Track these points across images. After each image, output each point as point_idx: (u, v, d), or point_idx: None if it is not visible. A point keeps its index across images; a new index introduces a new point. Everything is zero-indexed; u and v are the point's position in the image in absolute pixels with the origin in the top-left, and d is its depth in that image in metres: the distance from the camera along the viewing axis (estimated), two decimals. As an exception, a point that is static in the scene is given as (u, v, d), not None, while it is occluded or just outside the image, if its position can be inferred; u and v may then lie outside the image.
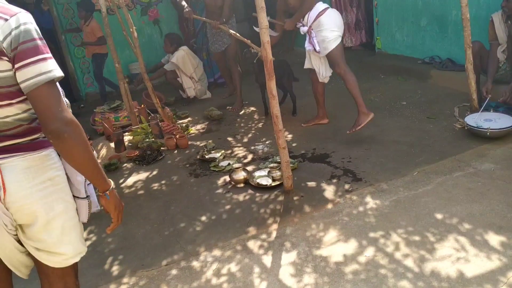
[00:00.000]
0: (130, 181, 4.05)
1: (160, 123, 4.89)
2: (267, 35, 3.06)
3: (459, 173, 3.25)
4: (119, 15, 4.77)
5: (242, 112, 5.55)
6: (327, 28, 4.05)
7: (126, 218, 3.33)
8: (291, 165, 3.69)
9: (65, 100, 1.51)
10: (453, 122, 4.17)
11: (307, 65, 4.46)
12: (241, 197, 3.44)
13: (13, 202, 1.46)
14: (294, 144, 4.28)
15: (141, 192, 3.81)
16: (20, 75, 1.35)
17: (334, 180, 3.46)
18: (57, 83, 1.43)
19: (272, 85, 3.14)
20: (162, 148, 4.66)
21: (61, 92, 1.45)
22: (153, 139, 4.78)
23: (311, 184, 3.46)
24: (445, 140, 3.86)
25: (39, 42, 1.38)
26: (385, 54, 6.50)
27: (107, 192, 1.60)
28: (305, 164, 3.83)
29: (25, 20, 1.37)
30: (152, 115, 5.15)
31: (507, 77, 4.29)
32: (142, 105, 5.44)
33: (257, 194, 3.44)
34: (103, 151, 4.85)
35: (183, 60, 6.08)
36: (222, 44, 5.54)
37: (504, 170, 3.20)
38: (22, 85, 1.35)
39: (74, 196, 1.61)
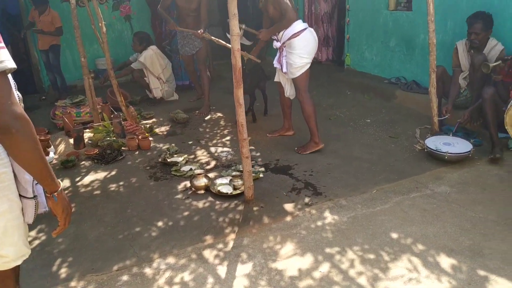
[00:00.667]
0: (87, 180, 3.92)
1: (123, 122, 4.79)
2: (238, 43, 3.04)
3: (416, 194, 3.32)
4: (89, 8, 4.65)
5: (209, 117, 5.50)
6: (297, 54, 4.00)
7: (79, 218, 3.26)
8: (253, 174, 3.68)
9: (17, 93, 1.43)
10: (414, 143, 4.28)
11: (276, 78, 4.47)
12: (200, 204, 3.38)
13: None
14: (258, 154, 4.27)
15: (97, 192, 3.69)
16: None
17: (295, 193, 3.46)
18: (9, 75, 1.34)
19: (239, 93, 3.11)
20: (123, 148, 4.54)
21: (13, 85, 1.36)
22: (114, 138, 4.66)
23: (271, 195, 3.45)
24: (405, 160, 3.94)
25: None
26: (353, 71, 6.62)
27: (55, 193, 1.51)
28: (267, 175, 3.82)
29: None
30: (116, 113, 5.03)
31: (466, 103, 4.44)
32: (106, 103, 5.32)
33: (217, 202, 3.40)
34: (61, 147, 4.69)
35: (151, 59, 5.98)
36: (193, 47, 5.48)
37: (459, 193, 3.29)
38: None
39: (20, 196, 1.52)
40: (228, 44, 3.56)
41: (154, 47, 6.10)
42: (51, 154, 4.42)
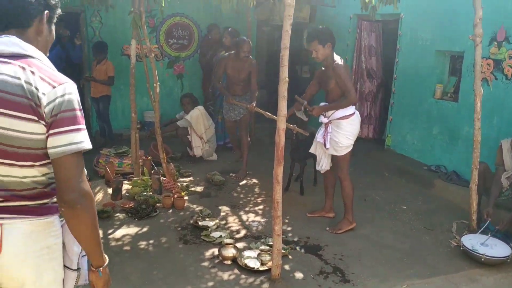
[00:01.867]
0: (118, 233, 4.00)
1: (161, 179, 4.92)
2: (283, 123, 3.14)
3: (449, 296, 3.19)
4: (146, 65, 4.91)
5: (244, 182, 5.57)
6: (344, 134, 4.05)
7: (106, 274, 3.29)
8: (283, 251, 3.66)
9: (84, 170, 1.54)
10: (450, 238, 4.15)
11: (312, 149, 4.50)
12: (225, 276, 3.37)
13: (5, 265, 1.43)
14: (289, 228, 4.25)
15: (127, 248, 3.75)
16: (51, 141, 1.38)
17: (322, 277, 3.40)
18: None
19: (279, 171, 3.17)
20: (157, 204, 4.64)
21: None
22: (150, 194, 4.78)
23: (299, 276, 3.40)
24: (439, 256, 3.82)
25: (78, 113, 1.43)
26: (393, 152, 6.61)
27: (101, 268, 1.57)
28: (296, 253, 3.78)
29: (71, 90, 1.43)
30: (156, 169, 5.18)
31: (509, 203, 4.32)
32: (148, 157, 5.50)
33: (243, 276, 3.37)
34: (100, 195, 4.84)
35: (197, 119, 6.21)
36: (238, 113, 5.67)
37: (494, 302, 3.14)
38: (50, 151, 1.39)
39: (65, 266, 1.58)
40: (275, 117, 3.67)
41: (201, 107, 6.35)
42: (89, 202, 4.55)
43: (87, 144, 1.44)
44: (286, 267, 3.52)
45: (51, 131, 1.38)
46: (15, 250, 1.42)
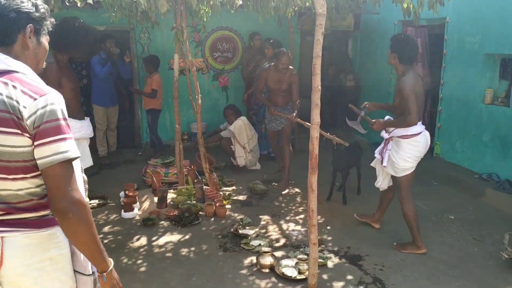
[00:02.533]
0: (162, 240, 4.14)
1: (204, 188, 5.04)
2: (317, 131, 3.14)
3: (496, 311, 3.03)
4: (189, 79, 5.08)
5: (286, 191, 5.58)
6: (402, 156, 3.77)
7: (148, 279, 3.43)
8: (321, 260, 3.64)
9: (83, 175, 1.58)
10: (501, 250, 3.92)
11: (372, 163, 4.27)
12: (262, 284, 3.39)
13: (7, 277, 1.46)
14: (329, 238, 4.21)
15: (169, 254, 3.87)
16: (38, 152, 1.40)
17: (361, 287, 3.34)
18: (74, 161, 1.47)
19: (313, 180, 3.17)
20: (200, 212, 4.75)
21: (79, 169, 1.49)
22: (194, 202, 4.90)
23: (337, 285, 3.37)
24: (488, 268, 3.64)
25: (62, 122, 1.43)
26: (442, 161, 6.37)
27: (105, 273, 1.57)
28: (335, 262, 3.73)
29: (53, 100, 1.43)
30: (199, 178, 5.31)
31: None
32: (193, 166, 5.65)
33: (280, 285, 3.38)
34: (146, 204, 5.02)
35: (240, 129, 6.31)
36: (280, 123, 5.72)
37: (546, 318, 2.95)
38: (38, 162, 1.41)
39: (78, 272, 1.60)
40: (324, 133, 3.67)
41: (244, 118, 6.46)
42: (136, 210, 4.75)
43: (74, 153, 1.44)
44: (325, 276, 3.49)
45: (36, 143, 1.40)
46: (15, 263, 1.46)
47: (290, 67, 5.55)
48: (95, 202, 5.00)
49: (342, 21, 7.81)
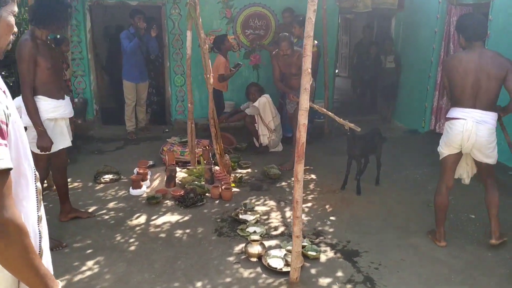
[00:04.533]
0: (160, 220, 4.12)
1: (213, 169, 4.96)
2: (305, 118, 2.93)
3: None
4: (204, 57, 4.90)
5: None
6: (442, 138, 3.65)
7: (134, 258, 3.43)
8: (314, 253, 3.48)
9: (36, 185, 1.41)
10: (519, 257, 3.56)
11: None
12: (246, 273, 3.28)
13: None
14: (331, 229, 4.01)
15: (162, 235, 3.84)
16: None
17: (350, 286, 3.14)
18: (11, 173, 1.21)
19: (299, 169, 2.98)
20: (207, 194, 4.68)
21: (33, 177, 1.33)
22: (202, 183, 4.85)
23: (322, 282, 3.18)
24: (498, 278, 3.29)
25: None
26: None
27: None
28: (329, 257, 3.54)
29: None
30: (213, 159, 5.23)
31: None
32: (208, 146, 5.57)
33: (263, 275, 3.25)
34: (156, 182, 5.04)
35: (264, 106, 6.17)
36: (293, 106, 5.52)
37: None
38: None
39: None
40: (336, 117, 3.48)
41: (268, 95, 6.28)
42: (144, 188, 4.77)
43: (4, 163, 1.17)
44: (313, 271, 3.32)
45: None
46: None
47: (297, 48, 5.28)
48: (108, 177, 5.08)
49: (386, -2, 7.37)
